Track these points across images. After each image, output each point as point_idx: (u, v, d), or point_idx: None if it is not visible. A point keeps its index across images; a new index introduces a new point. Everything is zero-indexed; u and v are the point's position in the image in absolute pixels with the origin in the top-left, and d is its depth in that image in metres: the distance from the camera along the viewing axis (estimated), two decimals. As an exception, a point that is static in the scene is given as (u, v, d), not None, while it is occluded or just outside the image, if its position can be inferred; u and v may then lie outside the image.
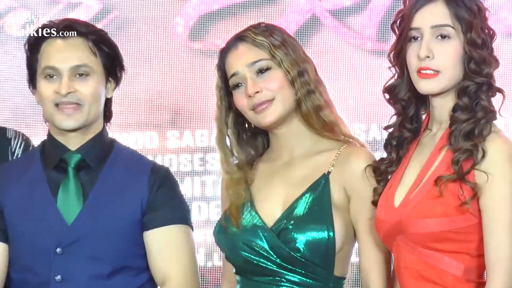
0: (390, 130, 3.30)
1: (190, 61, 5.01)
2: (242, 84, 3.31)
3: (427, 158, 3.21)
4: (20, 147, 3.89)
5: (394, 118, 3.28)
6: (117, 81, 3.55)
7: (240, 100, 3.33)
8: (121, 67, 3.55)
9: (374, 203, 3.24)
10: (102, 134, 3.57)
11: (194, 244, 3.59)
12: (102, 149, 3.56)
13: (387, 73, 3.65)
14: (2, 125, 3.99)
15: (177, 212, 3.51)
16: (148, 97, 4.28)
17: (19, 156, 3.85)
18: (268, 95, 3.28)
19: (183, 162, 4.68)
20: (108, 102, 3.55)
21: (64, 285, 3.41)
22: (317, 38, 4.24)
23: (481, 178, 3.04)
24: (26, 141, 3.89)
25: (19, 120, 4.61)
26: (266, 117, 3.30)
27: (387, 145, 3.30)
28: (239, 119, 3.39)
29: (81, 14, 4.86)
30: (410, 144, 3.29)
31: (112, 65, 3.53)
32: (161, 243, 3.52)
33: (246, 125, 3.45)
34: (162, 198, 3.55)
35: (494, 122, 3.15)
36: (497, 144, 3.14)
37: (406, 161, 3.27)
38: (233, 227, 3.35)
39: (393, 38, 4.29)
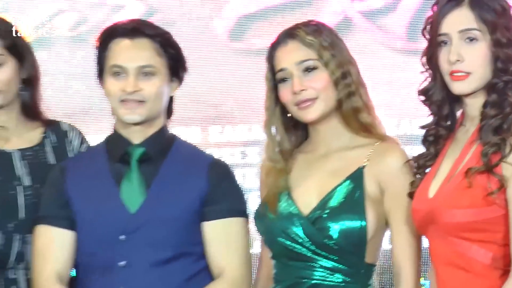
0: (428, 127, 3.46)
1: (230, 60, 5.03)
2: (288, 79, 3.46)
3: (460, 152, 3.33)
4: (76, 139, 4.04)
5: (431, 118, 3.41)
6: (180, 80, 3.72)
7: (285, 94, 3.49)
8: (184, 68, 3.73)
9: (411, 195, 3.39)
10: (164, 129, 3.72)
11: (249, 237, 3.77)
12: (163, 143, 3.74)
13: (416, 71, 3.84)
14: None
15: (235, 205, 3.68)
16: (192, 94, 4.33)
17: (75, 147, 4.02)
18: (312, 94, 3.43)
19: (225, 156, 4.62)
20: (170, 100, 3.74)
21: (127, 270, 3.58)
22: (349, 38, 4.21)
23: (508, 170, 3.14)
24: (80, 133, 4.05)
25: (67, 116, 4.44)
26: (308, 114, 3.49)
27: (425, 141, 3.44)
28: (285, 109, 3.58)
29: (126, 16, 4.69)
30: (446, 140, 3.42)
31: (176, 66, 3.69)
32: (219, 235, 3.68)
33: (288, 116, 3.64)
34: (222, 191, 3.69)
35: None
36: None
37: (442, 156, 3.40)
38: (271, 214, 3.50)
39: (421, 37, 4.56)
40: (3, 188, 3.85)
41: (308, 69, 3.45)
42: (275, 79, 3.53)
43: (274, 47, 3.54)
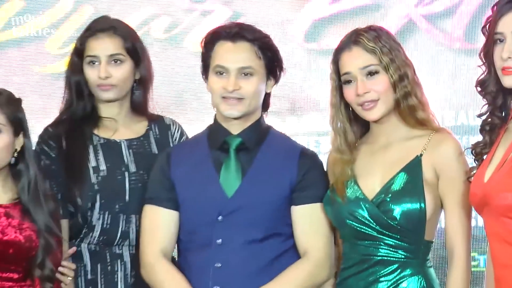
0: (483, 117, 3.65)
1: (305, 59, 5.18)
2: (353, 81, 3.67)
3: (510, 141, 3.54)
4: (177, 131, 4.29)
5: (486, 107, 3.62)
6: (277, 79, 3.95)
7: (350, 95, 3.69)
8: (281, 68, 3.92)
9: (470, 180, 3.59)
10: (260, 121, 3.94)
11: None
12: (259, 134, 3.94)
13: (472, 68, 3.89)
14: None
15: (321, 191, 3.87)
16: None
17: (177, 139, 4.27)
18: (374, 96, 3.66)
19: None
20: (267, 95, 3.93)
21: (223, 248, 3.81)
22: (413, 39, 4.29)
23: None
24: (180, 126, 4.27)
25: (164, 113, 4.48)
26: (371, 115, 3.72)
27: (482, 130, 3.61)
28: (348, 105, 3.76)
29: (215, 20, 4.94)
30: (500, 129, 3.60)
31: (273, 67, 3.90)
32: (306, 219, 3.87)
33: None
34: (310, 179, 3.90)
35: None
36: None
37: (496, 144, 3.58)
38: (339, 199, 3.72)
39: (477, 39, 4.71)
40: (112, 173, 4.09)
41: (371, 73, 3.67)
42: (340, 79, 3.74)
43: (338, 51, 3.76)
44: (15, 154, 3.84)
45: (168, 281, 3.96)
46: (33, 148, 4.01)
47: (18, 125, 3.83)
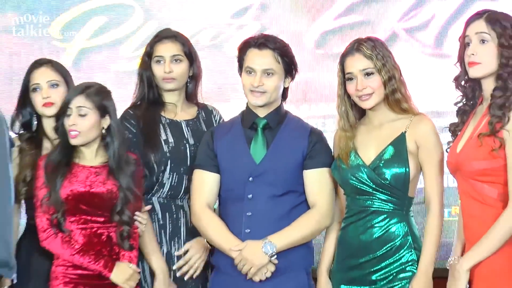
0: (458, 104, 3.53)
1: (315, 61, 4.83)
2: (354, 79, 3.58)
3: (477, 122, 3.42)
4: (217, 115, 4.14)
5: (460, 97, 3.51)
6: (292, 77, 3.82)
7: (351, 89, 3.60)
8: (295, 69, 3.81)
9: (447, 151, 3.50)
10: (280, 107, 3.83)
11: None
12: (279, 117, 3.82)
13: (440, 68, 3.89)
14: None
15: (326, 159, 3.77)
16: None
17: (217, 121, 4.13)
18: (370, 91, 3.57)
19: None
20: (285, 89, 3.83)
21: (252, 201, 3.72)
22: (396, 46, 4.28)
23: (506, 134, 3.26)
24: (219, 112, 4.14)
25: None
26: (367, 104, 3.62)
27: (457, 114, 3.53)
28: (349, 96, 3.66)
29: (247, 32, 4.61)
30: (470, 114, 3.50)
31: (289, 68, 3.77)
32: (314, 179, 3.77)
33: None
34: (317, 150, 3.78)
35: None
36: None
37: (467, 124, 3.49)
38: (344, 165, 3.63)
39: (442, 46, 4.55)
40: (178, 145, 3.97)
41: (367, 74, 3.57)
42: (345, 77, 3.64)
43: (344, 56, 3.65)
44: (104, 131, 3.75)
45: (211, 225, 3.84)
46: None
47: (104, 110, 3.74)
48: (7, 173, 3.58)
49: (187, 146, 3.95)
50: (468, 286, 3.36)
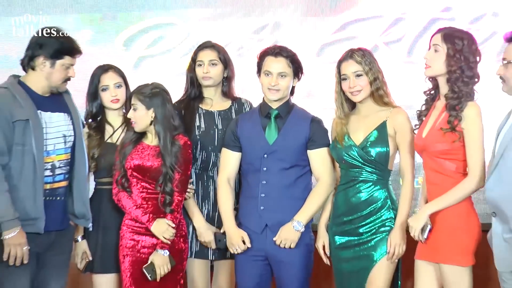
0: (425, 98, 3.56)
1: (316, 67, 4.70)
2: (347, 79, 3.63)
3: (438, 113, 3.46)
4: (248, 107, 4.09)
5: (428, 91, 3.55)
6: (299, 78, 3.82)
7: (345, 86, 3.65)
8: (302, 72, 3.83)
9: (415, 133, 3.55)
10: (288, 101, 3.84)
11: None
12: (288, 108, 3.83)
13: (411, 73, 3.93)
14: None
15: (324, 141, 3.81)
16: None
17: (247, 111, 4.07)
18: (359, 88, 3.62)
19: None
20: (293, 87, 3.83)
21: (266, 172, 3.77)
22: (377, 55, 3.94)
23: (464, 124, 3.30)
24: (250, 103, 4.10)
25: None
26: (357, 98, 3.66)
27: (423, 105, 3.57)
28: (344, 92, 3.68)
29: (265, 44, 4.42)
30: (431, 106, 3.53)
31: (297, 72, 3.80)
32: (317, 157, 3.81)
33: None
34: (317, 134, 3.80)
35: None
36: (470, 111, 3.34)
37: (430, 114, 3.53)
38: (340, 146, 3.69)
39: (412, 55, 4.50)
40: (208, 130, 3.96)
41: (358, 75, 3.60)
42: (340, 77, 3.66)
43: (340, 61, 3.68)
44: (151, 120, 3.76)
45: (222, 198, 3.85)
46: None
47: (149, 104, 3.74)
48: (84, 149, 3.82)
49: (216, 130, 3.96)
50: (427, 228, 3.39)
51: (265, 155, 3.76)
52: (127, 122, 3.95)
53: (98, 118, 3.97)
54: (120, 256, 3.75)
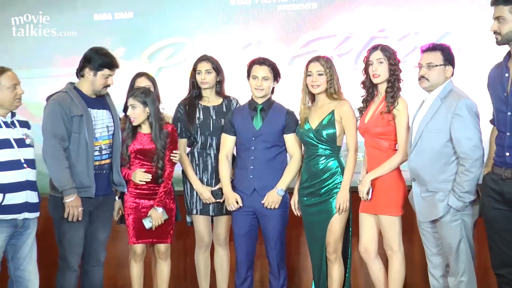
0: (363, 95, 3.59)
1: (288, 73, 4.31)
2: (311, 76, 3.60)
3: (377, 105, 3.49)
4: (236, 103, 3.99)
5: (364, 91, 3.58)
6: (278, 81, 3.80)
7: (309, 81, 3.61)
8: (280, 77, 3.81)
9: (358, 120, 3.56)
10: (270, 98, 3.81)
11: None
12: (269, 104, 3.80)
13: (357, 78, 3.62)
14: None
15: (294, 127, 3.75)
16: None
17: (235, 106, 3.96)
18: (318, 83, 3.59)
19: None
20: (273, 88, 3.80)
21: (254, 151, 3.74)
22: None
23: (396, 112, 3.38)
24: (237, 100, 4.00)
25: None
26: (315, 91, 3.62)
27: (363, 101, 3.60)
28: (307, 86, 3.63)
29: (251, 56, 3.98)
30: (371, 101, 3.54)
31: (276, 76, 3.79)
32: (290, 139, 3.77)
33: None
34: (291, 122, 3.74)
35: (400, 93, 3.44)
36: (401, 101, 3.41)
37: (370, 106, 3.54)
38: (301, 129, 3.66)
39: (358, 64, 4.36)
40: (205, 120, 3.91)
41: (319, 74, 3.59)
42: (307, 74, 3.63)
43: (309, 62, 3.66)
44: (147, 115, 3.72)
45: (222, 171, 3.81)
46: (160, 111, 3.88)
47: (145, 104, 3.71)
48: (120, 136, 3.77)
49: (211, 120, 3.91)
50: (371, 191, 3.47)
51: (253, 138, 3.75)
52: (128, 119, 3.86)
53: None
54: (125, 215, 3.79)
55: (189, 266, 4.42)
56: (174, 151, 3.79)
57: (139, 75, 4.00)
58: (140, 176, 3.72)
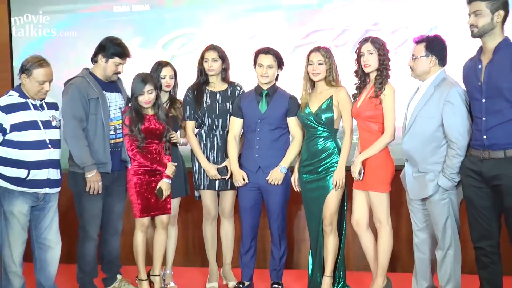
0: (356, 83, 3.57)
1: (291, 62, 4.14)
2: (312, 64, 3.57)
3: (368, 91, 3.48)
4: (240, 89, 3.94)
5: (357, 80, 3.56)
6: (281, 69, 3.76)
7: (310, 69, 3.60)
8: (283, 64, 3.76)
9: (352, 104, 3.53)
10: (275, 84, 3.79)
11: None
12: (273, 89, 3.78)
13: (351, 66, 3.61)
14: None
15: (296, 110, 3.71)
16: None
17: (240, 92, 3.92)
18: (318, 71, 3.57)
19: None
20: (278, 75, 3.78)
21: (260, 132, 3.73)
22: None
23: (383, 97, 3.37)
24: (241, 86, 3.95)
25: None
26: (315, 78, 3.60)
27: (356, 88, 3.57)
28: (309, 74, 3.62)
29: (257, 46, 3.90)
30: (363, 88, 3.53)
31: (280, 64, 3.75)
32: (293, 122, 3.74)
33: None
34: (293, 106, 3.75)
35: (389, 80, 3.43)
36: (388, 87, 3.39)
37: (362, 92, 3.53)
38: (302, 113, 3.64)
39: (352, 54, 4.05)
40: (212, 103, 3.86)
41: (319, 63, 3.56)
42: (308, 63, 3.61)
43: (310, 52, 3.62)
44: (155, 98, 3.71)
45: (231, 149, 3.78)
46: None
47: (155, 88, 3.68)
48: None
49: (217, 104, 3.87)
50: (362, 172, 3.47)
51: (259, 120, 3.74)
52: (170, 100, 3.95)
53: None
54: (129, 190, 3.74)
55: (197, 237, 4.47)
56: (172, 133, 3.82)
57: (164, 64, 3.96)
58: (172, 170, 3.76)
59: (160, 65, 3.94)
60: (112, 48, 3.60)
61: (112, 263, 3.83)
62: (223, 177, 3.83)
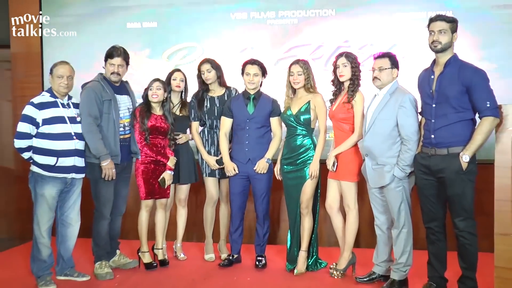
0: (333, 90, 3.53)
1: (273, 70, 4.36)
2: (293, 75, 3.54)
3: (341, 97, 3.46)
4: (236, 93, 3.88)
5: (333, 88, 3.54)
6: (265, 77, 3.67)
7: (291, 79, 3.57)
8: (266, 73, 3.68)
9: (328, 109, 3.50)
10: (259, 90, 3.70)
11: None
12: (259, 94, 3.71)
13: (328, 75, 3.56)
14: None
15: (279, 112, 3.71)
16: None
17: (234, 95, 3.85)
18: (298, 81, 3.54)
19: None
20: (262, 82, 3.67)
21: (249, 130, 3.69)
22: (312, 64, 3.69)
23: (354, 102, 3.37)
24: (237, 90, 3.89)
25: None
26: (296, 86, 3.57)
27: (333, 94, 3.54)
28: (290, 82, 3.59)
29: (246, 58, 3.84)
30: (338, 94, 3.50)
31: (264, 73, 3.69)
32: (275, 122, 3.72)
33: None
34: (275, 108, 3.72)
35: (360, 88, 3.42)
36: (358, 94, 3.38)
37: (338, 98, 3.49)
38: (285, 114, 3.61)
39: (327, 66, 4.19)
40: (211, 107, 3.83)
41: (298, 74, 3.53)
42: (289, 73, 3.57)
43: (291, 65, 3.58)
44: (164, 98, 3.67)
45: (222, 145, 3.72)
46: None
47: (165, 89, 3.67)
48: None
49: (216, 107, 3.83)
50: (335, 164, 3.46)
51: (248, 120, 3.71)
52: (182, 103, 3.91)
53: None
54: (137, 176, 3.68)
55: (199, 216, 4.39)
56: (178, 134, 3.80)
57: (177, 70, 3.97)
58: (174, 162, 3.69)
59: (173, 70, 3.97)
60: (106, 53, 3.58)
61: (113, 240, 3.80)
62: (221, 166, 3.82)
